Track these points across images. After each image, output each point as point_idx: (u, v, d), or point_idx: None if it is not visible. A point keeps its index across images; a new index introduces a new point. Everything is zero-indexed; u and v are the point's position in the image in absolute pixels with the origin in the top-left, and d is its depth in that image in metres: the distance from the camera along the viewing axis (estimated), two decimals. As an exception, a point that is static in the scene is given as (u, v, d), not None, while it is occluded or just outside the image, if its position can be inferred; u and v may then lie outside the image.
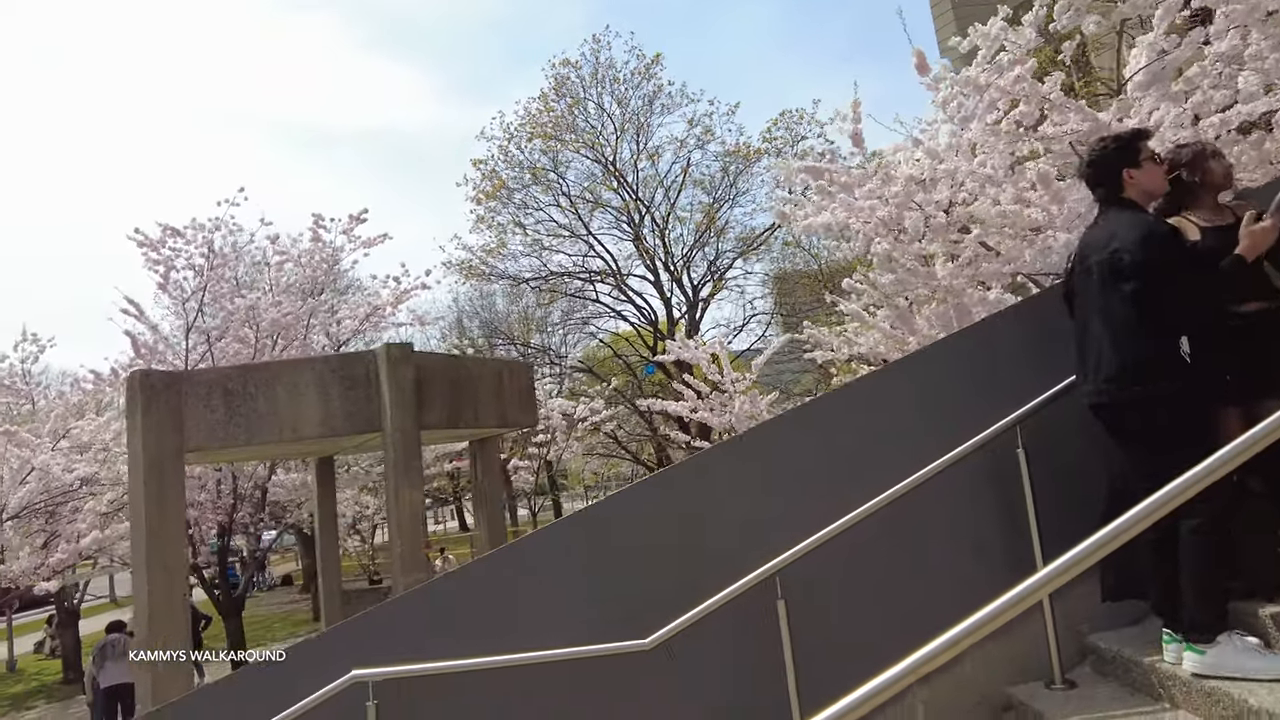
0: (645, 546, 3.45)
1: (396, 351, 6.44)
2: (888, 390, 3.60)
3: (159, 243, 12.41)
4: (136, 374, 6.42)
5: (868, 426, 3.57)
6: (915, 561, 3.45)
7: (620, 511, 3.45)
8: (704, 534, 3.45)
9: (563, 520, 3.51)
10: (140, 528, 6.26)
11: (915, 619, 3.42)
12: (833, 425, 3.55)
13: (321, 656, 3.46)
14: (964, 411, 3.51)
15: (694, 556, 3.40)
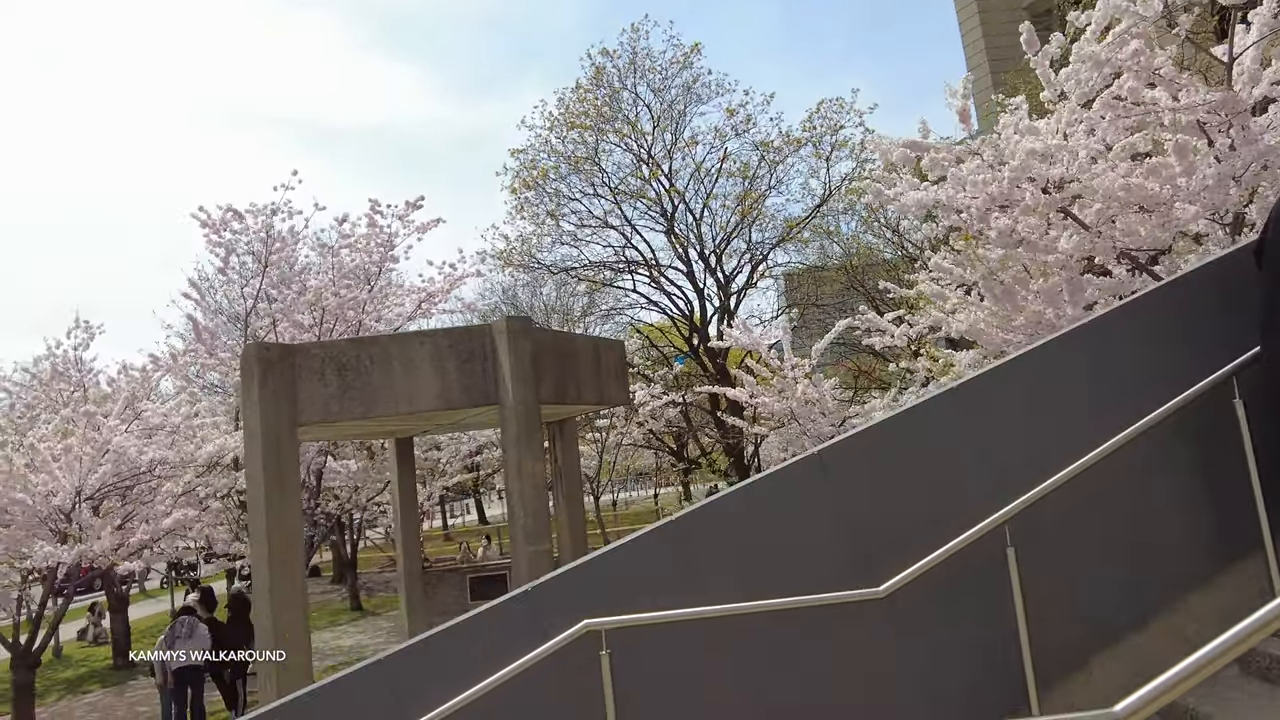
0: (873, 493, 3.44)
1: (516, 325, 6.44)
2: (1097, 342, 3.58)
3: (221, 225, 12.41)
4: (253, 346, 6.42)
5: (1083, 378, 3.56)
6: (1137, 514, 3.44)
7: (849, 457, 3.44)
8: (932, 482, 3.44)
9: (792, 464, 3.49)
10: (259, 501, 6.26)
11: (1143, 570, 3.43)
12: (1052, 376, 3.53)
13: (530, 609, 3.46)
14: (1171, 364, 3.50)
15: (922, 504, 3.39)
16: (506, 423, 6.35)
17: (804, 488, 3.45)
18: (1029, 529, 3.26)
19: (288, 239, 12.75)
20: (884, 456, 3.46)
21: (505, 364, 6.35)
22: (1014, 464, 3.38)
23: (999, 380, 3.51)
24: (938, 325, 12.45)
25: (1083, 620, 3.34)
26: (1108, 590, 3.36)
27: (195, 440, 10.90)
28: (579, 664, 3.26)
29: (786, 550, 3.41)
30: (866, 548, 3.36)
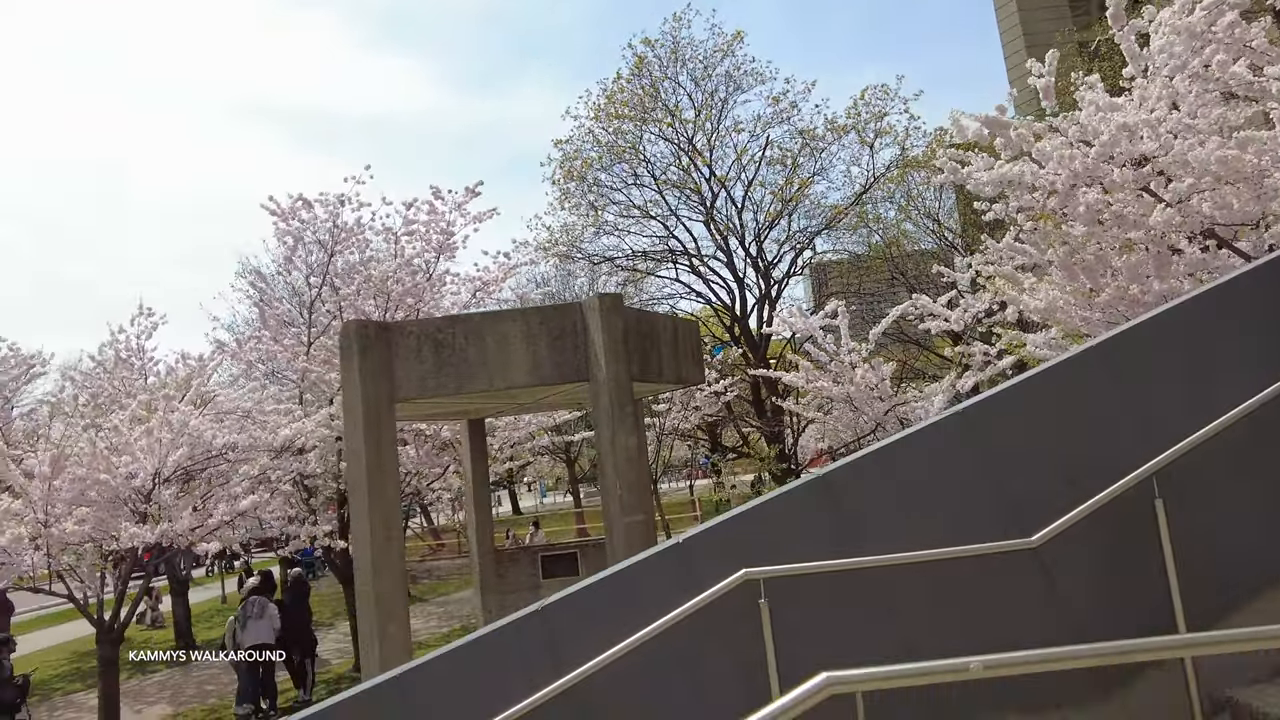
0: (1020, 447, 3.52)
1: (609, 301, 6.56)
2: (1241, 298, 3.62)
3: (290, 214, 12.66)
4: (352, 323, 6.60)
5: (1226, 333, 3.60)
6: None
7: (998, 411, 3.52)
8: (1079, 433, 3.51)
9: (942, 418, 3.57)
10: (360, 475, 6.44)
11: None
12: (1203, 335, 3.58)
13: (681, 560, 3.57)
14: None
15: (1067, 458, 3.46)
16: (599, 397, 6.47)
17: (953, 442, 3.53)
18: (1176, 482, 3.32)
19: (354, 229, 12.97)
20: (1030, 412, 3.54)
21: (597, 339, 6.47)
22: (1158, 418, 3.44)
23: (1149, 336, 3.56)
24: (996, 308, 12.47)
25: (1230, 571, 3.40)
26: (1255, 540, 3.41)
27: (267, 426, 11.13)
28: (735, 612, 3.37)
29: (936, 503, 3.50)
30: (1015, 500, 3.44)
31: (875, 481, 3.56)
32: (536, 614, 3.54)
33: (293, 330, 13.41)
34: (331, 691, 12.45)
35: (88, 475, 9.96)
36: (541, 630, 3.54)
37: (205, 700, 12.85)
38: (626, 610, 3.47)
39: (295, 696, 12.05)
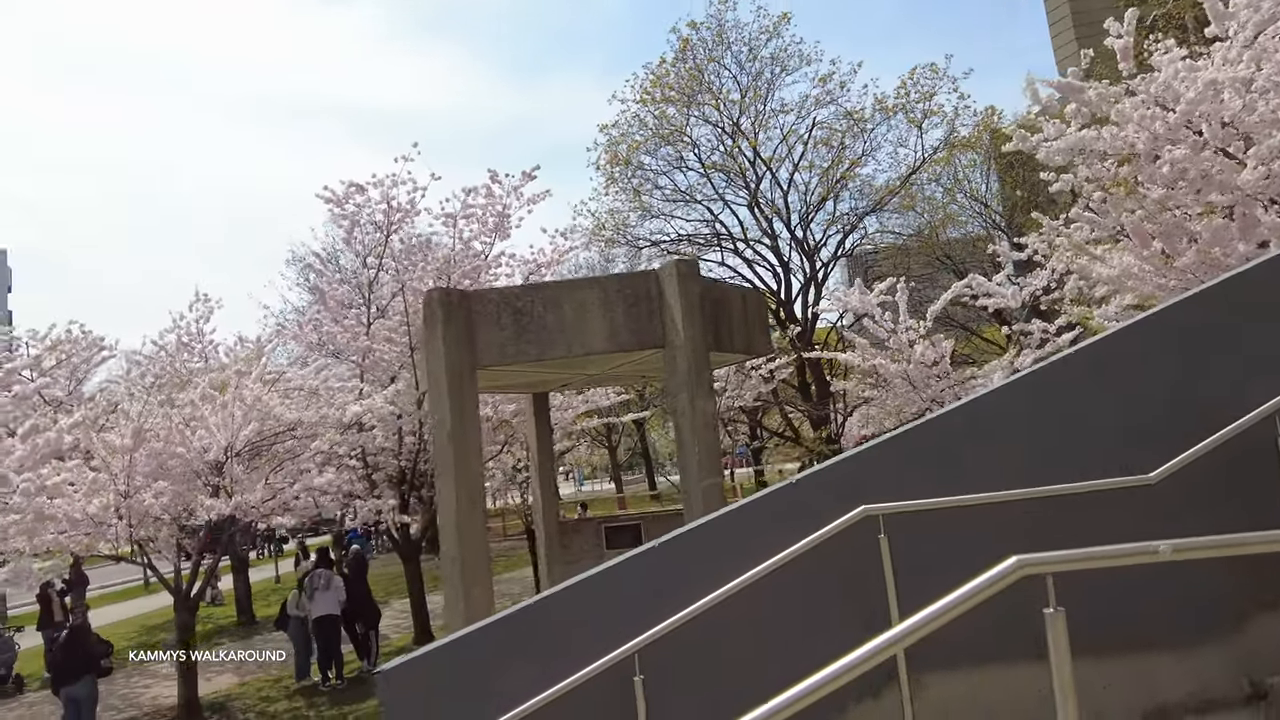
0: (1142, 384, 3.53)
1: (685, 268, 6.63)
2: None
3: (344, 198, 12.89)
4: (435, 291, 6.74)
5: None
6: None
7: (1120, 349, 3.54)
8: (1198, 371, 3.51)
9: (1066, 354, 3.60)
10: (444, 440, 6.59)
11: None
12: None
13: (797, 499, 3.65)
14: None
15: (1188, 395, 3.47)
16: (676, 362, 6.54)
17: (1075, 379, 3.56)
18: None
19: (408, 209, 13.16)
20: (1150, 350, 3.55)
21: (674, 305, 6.55)
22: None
23: (1267, 278, 3.55)
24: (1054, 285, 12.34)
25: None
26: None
27: (334, 403, 11.37)
28: (850, 549, 3.43)
29: (1054, 440, 3.52)
30: (1135, 437, 3.46)
31: (989, 422, 3.60)
32: (652, 551, 3.63)
33: (352, 311, 13.67)
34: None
35: (164, 449, 10.29)
36: (658, 567, 3.64)
37: (270, 671, 13.20)
38: (740, 549, 3.55)
39: (359, 667, 12.35)
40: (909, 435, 3.62)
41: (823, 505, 3.50)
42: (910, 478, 3.57)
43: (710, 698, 3.47)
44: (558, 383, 9.27)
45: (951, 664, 3.47)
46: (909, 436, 3.62)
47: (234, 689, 12.21)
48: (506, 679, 3.65)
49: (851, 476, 3.61)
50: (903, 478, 3.57)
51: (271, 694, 11.75)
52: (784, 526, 3.54)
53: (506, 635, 3.75)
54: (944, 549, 3.51)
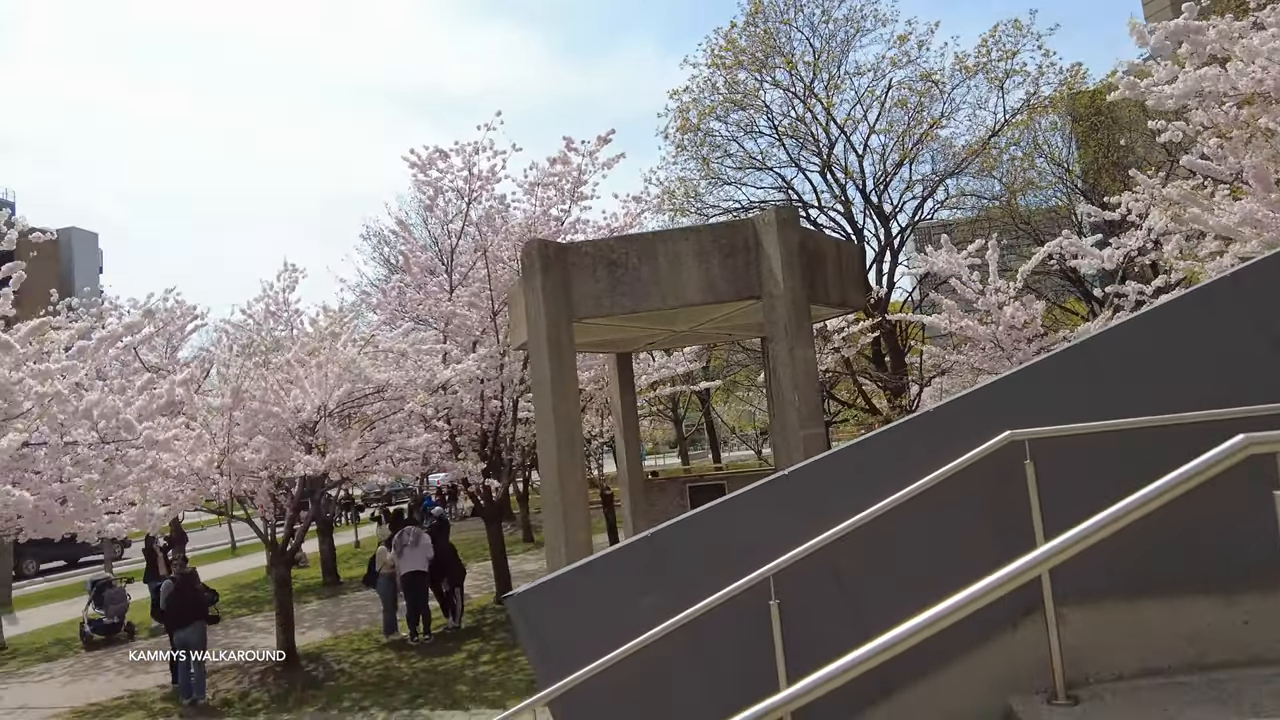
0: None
1: (786, 214, 6.55)
2: None
3: (427, 163, 13.07)
4: (534, 243, 6.80)
5: None
6: None
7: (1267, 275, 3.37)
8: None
9: (1210, 282, 3.45)
10: (544, 390, 6.67)
11: None
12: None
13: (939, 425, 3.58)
14: None
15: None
16: (775, 312, 6.48)
17: (1222, 305, 3.40)
18: None
19: (488, 178, 13.29)
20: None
21: (773, 254, 6.47)
22: None
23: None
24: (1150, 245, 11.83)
25: None
26: None
27: (423, 366, 11.58)
28: (996, 475, 3.35)
29: (1202, 366, 3.38)
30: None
31: (1134, 348, 3.47)
32: (787, 477, 3.61)
33: (435, 279, 13.90)
34: (478, 620, 13.06)
35: (260, 409, 10.66)
36: (792, 493, 3.62)
37: (359, 626, 13.67)
38: (877, 476, 3.50)
39: (445, 624, 12.69)
40: (1057, 360, 3.51)
41: (964, 431, 3.42)
42: (1056, 403, 3.47)
43: (844, 622, 3.45)
44: (643, 341, 9.28)
45: (1101, 593, 3.38)
46: (1056, 361, 3.51)
47: (326, 642, 12.68)
48: (636, 603, 3.69)
49: (995, 402, 3.53)
50: (1049, 403, 3.47)
51: (362, 646, 12.17)
52: (924, 453, 3.47)
53: (636, 561, 3.78)
54: (1092, 476, 3.40)
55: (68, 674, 12.26)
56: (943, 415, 3.56)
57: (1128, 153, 21.13)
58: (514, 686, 9.32)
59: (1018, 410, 3.45)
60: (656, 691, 3.63)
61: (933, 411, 3.58)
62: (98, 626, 14.06)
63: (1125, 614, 3.45)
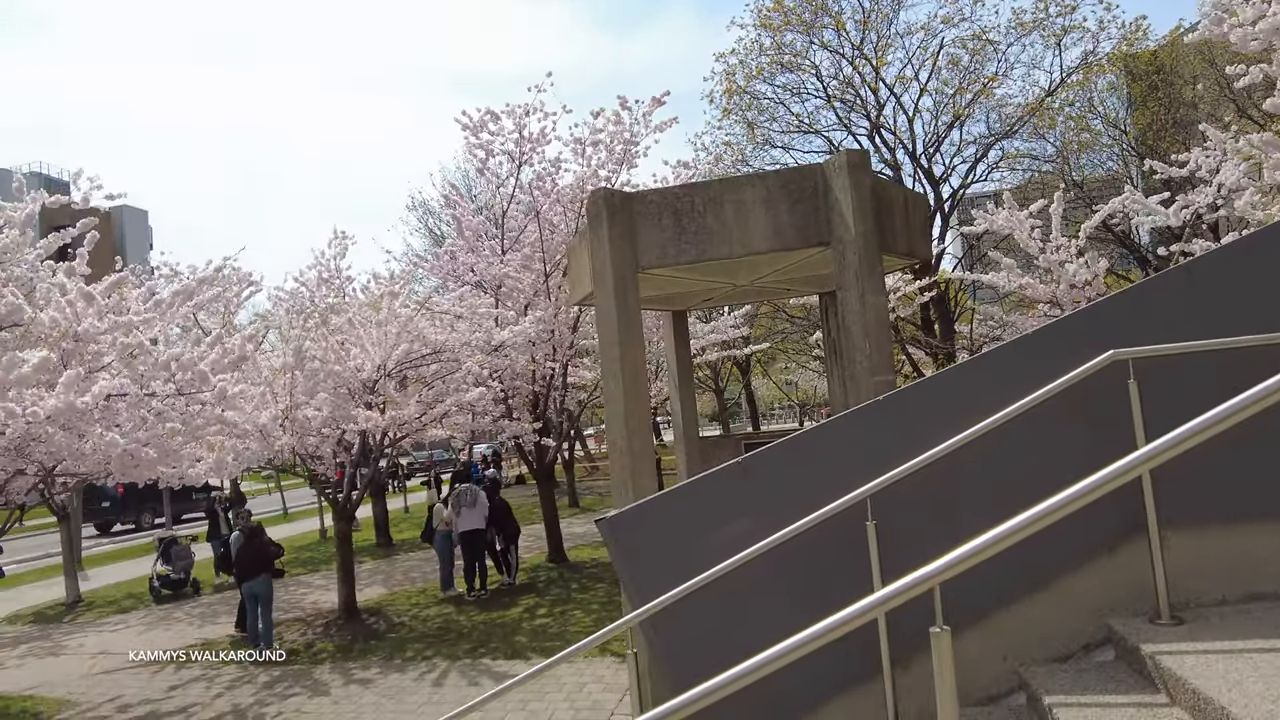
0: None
1: (857, 158, 6.45)
2: None
3: (479, 126, 13.11)
4: (599, 191, 6.79)
5: None
6: None
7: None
8: None
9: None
10: (612, 336, 6.70)
11: None
12: None
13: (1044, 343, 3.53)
14: None
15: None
16: (844, 257, 6.42)
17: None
18: None
19: (538, 139, 13.29)
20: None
21: (843, 199, 6.40)
22: None
23: None
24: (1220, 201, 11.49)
25: None
26: None
27: (481, 328, 11.70)
28: (1096, 396, 3.31)
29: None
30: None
31: (1240, 270, 3.38)
32: (882, 402, 3.60)
33: (487, 243, 14.00)
34: (531, 578, 13.27)
35: (321, 367, 10.87)
36: (894, 417, 3.61)
37: (414, 583, 13.98)
38: (977, 397, 3.47)
39: (500, 580, 12.93)
40: (1160, 280, 3.44)
41: (1063, 352, 3.38)
42: (1158, 325, 3.40)
43: (939, 540, 3.44)
44: (700, 298, 9.24)
45: (1204, 518, 3.33)
46: (1159, 281, 3.44)
47: (383, 598, 12.99)
48: (726, 527, 3.72)
49: (1095, 324, 3.47)
50: (1151, 324, 3.41)
51: (420, 601, 12.45)
52: (1022, 375, 3.43)
53: (728, 485, 3.82)
54: (1195, 398, 3.34)
55: (142, 624, 12.74)
56: (1042, 337, 3.51)
57: (1191, 109, 20.44)
58: (573, 638, 9.48)
59: (1118, 332, 3.40)
60: (745, 613, 3.67)
61: (1033, 334, 3.54)
62: (165, 582, 14.57)
63: (1227, 540, 3.40)
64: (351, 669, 9.40)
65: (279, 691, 8.87)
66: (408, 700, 8.15)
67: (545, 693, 7.89)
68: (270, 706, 8.39)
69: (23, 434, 6.25)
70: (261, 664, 9.99)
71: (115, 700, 8.98)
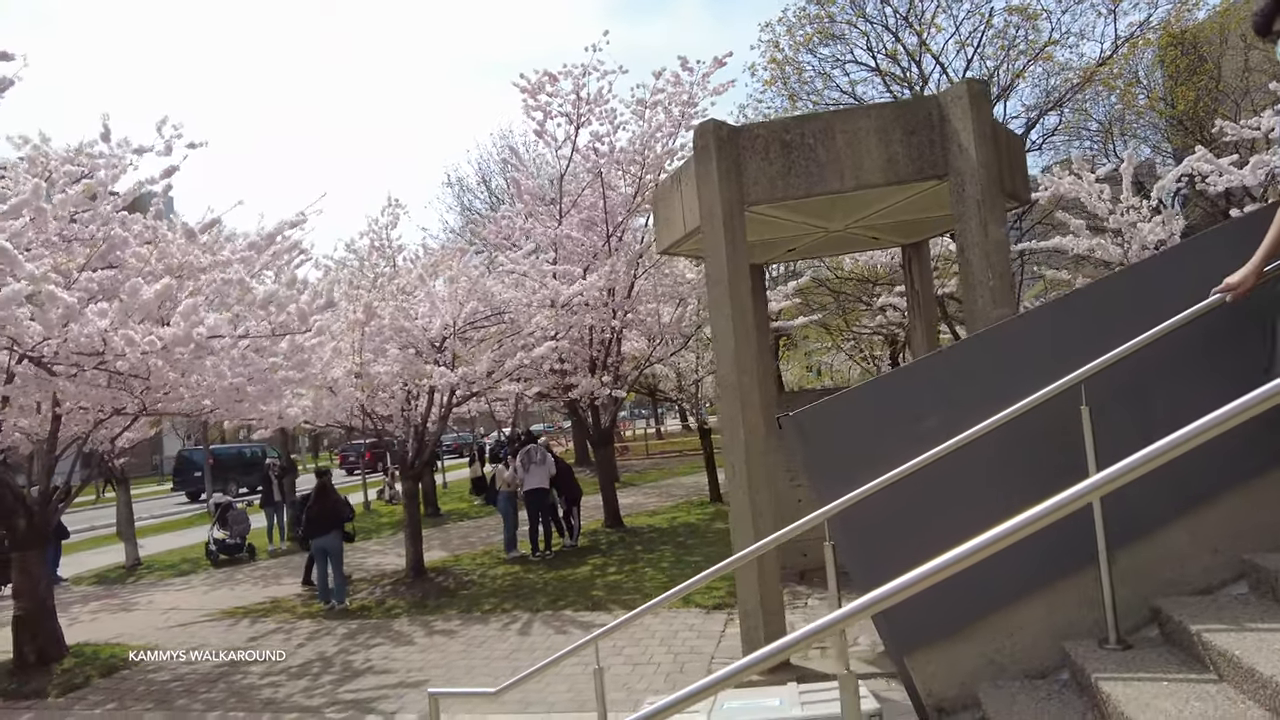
0: None
1: (977, 87, 6.32)
2: None
3: (536, 88, 13.01)
4: (708, 123, 6.69)
5: None
6: None
7: None
8: None
9: None
10: (720, 271, 6.61)
11: None
12: None
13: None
14: None
15: None
16: (964, 189, 6.29)
17: None
18: None
19: (596, 99, 13.17)
20: None
21: (962, 128, 6.26)
22: None
23: None
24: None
25: None
26: None
27: (548, 286, 11.62)
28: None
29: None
30: None
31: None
32: (1082, 291, 3.50)
33: (545, 206, 13.92)
34: (593, 539, 13.23)
35: (391, 323, 10.83)
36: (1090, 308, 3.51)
37: (473, 547, 13.98)
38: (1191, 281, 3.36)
39: (563, 542, 12.89)
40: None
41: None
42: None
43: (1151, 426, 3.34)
44: (787, 245, 9.11)
45: None
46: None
47: (447, 560, 12.99)
48: (920, 421, 3.63)
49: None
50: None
51: (485, 562, 12.44)
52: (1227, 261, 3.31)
53: (922, 377, 3.72)
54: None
55: (206, 585, 12.79)
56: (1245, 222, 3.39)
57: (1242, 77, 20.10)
58: (651, 593, 9.41)
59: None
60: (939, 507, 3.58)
61: (1239, 218, 3.42)
62: (222, 546, 14.63)
63: None
64: (431, 621, 9.39)
65: (361, 641, 8.86)
66: (497, 648, 8.12)
67: (639, 639, 7.84)
68: (356, 655, 8.39)
69: (133, 367, 6.22)
70: (337, 616, 10.00)
71: (199, 648, 9.00)
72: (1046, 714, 3.02)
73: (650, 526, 14.39)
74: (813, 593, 8.79)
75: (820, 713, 3.76)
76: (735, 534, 6.60)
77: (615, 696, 6.39)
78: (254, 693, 7.48)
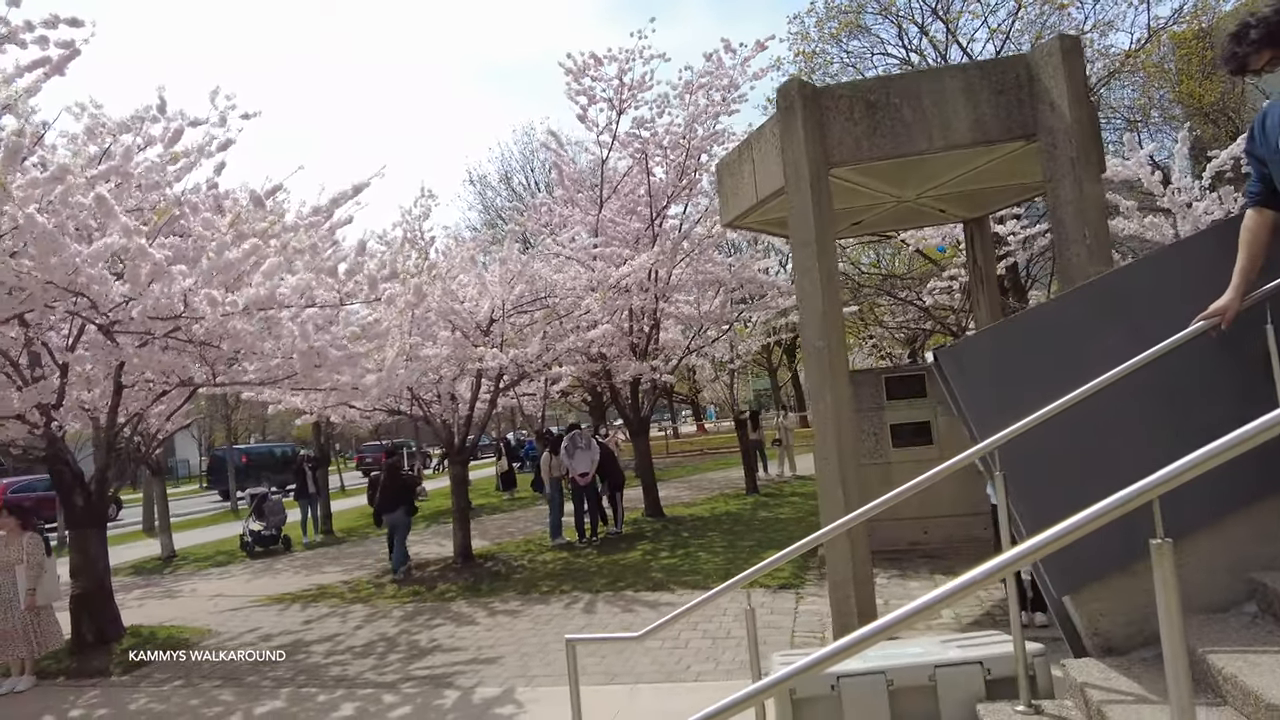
0: None
1: (1070, 43, 6.21)
2: None
3: (581, 71, 12.93)
4: (793, 81, 6.60)
5: None
6: None
7: None
8: None
9: None
10: (807, 232, 6.49)
11: None
12: None
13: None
14: None
15: None
16: (1056, 147, 6.17)
17: None
18: None
19: (638, 85, 13.10)
20: None
21: (1054, 85, 6.15)
22: None
23: None
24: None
25: None
26: None
27: (595, 269, 11.52)
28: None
29: None
30: None
31: None
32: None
33: (585, 192, 13.83)
34: (635, 527, 13.09)
35: (440, 305, 10.73)
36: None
37: (513, 536, 13.84)
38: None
39: (607, 530, 12.75)
40: None
41: None
42: None
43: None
44: (853, 217, 8.99)
45: None
46: None
47: (491, 547, 12.85)
48: (1084, 349, 3.51)
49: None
50: None
51: (532, 549, 12.30)
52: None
53: (1085, 305, 3.60)
54: None
55: (246, 574, 12.67)
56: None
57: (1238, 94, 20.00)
58: (710, 574, 9.28)
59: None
60: (1103, 441, 3.45)
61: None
62: (258, 537, 14.51)
63: None
64: (489, 602, 9.25)
65: (421, 623, 8.73)
66: (566, 625, 7.98)
67: (713, 617, 7.69)
68: (420, 635, 8.25)
69: (208, 332, 6.12)
70: (391, 598, 9.87)
71: (255, 631, 8.88)
72: (1255, 640, 2.88)
73: (691, 516, 14.25)
74: (879, 572, 8.64)
75: (979, 654, 3.63)
76: (823, 503, 6.47)
77: (703, 669, 6.28)
78: (322, 670, 7.35)
